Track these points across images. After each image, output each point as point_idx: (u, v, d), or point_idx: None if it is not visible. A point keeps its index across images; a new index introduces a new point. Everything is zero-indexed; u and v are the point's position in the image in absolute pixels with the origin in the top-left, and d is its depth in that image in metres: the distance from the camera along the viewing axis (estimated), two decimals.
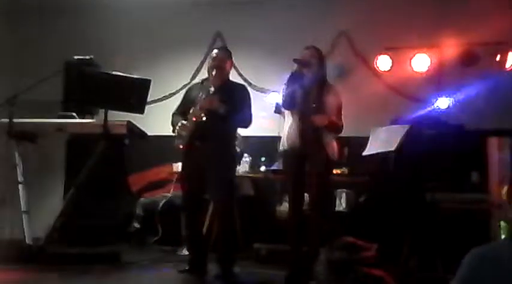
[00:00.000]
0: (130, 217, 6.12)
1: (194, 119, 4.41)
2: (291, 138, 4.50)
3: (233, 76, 6.63)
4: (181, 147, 4.52)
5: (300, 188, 4.57)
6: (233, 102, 4.49)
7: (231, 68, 4.85)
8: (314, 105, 4.45)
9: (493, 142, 4.83)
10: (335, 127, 4.53)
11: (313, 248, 4.39)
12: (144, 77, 4.87)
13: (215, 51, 4.76)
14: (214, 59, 4.64)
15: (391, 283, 3.61)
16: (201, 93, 4.54)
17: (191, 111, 4.46)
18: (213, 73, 4.54)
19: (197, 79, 5.77)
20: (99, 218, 5.11)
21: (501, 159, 4.72)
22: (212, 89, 4.46)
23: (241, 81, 6.71)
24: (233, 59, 4.86)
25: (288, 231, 4.57)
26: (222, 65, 4.62)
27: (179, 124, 4.50)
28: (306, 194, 4.67)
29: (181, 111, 4.67)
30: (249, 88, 6.59)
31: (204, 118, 4.37)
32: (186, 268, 4.65)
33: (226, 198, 4.56)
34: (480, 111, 5.76)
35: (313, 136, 4.43)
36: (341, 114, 4.61)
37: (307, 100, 4.47)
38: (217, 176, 4.48)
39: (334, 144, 4.57)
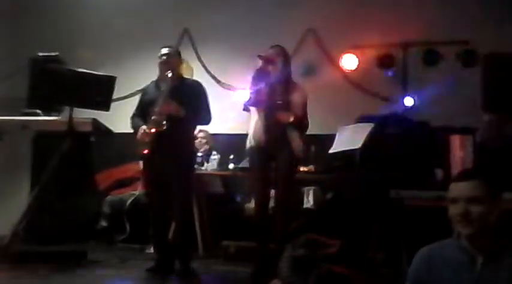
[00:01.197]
0: (98, 215, 6.07)
1: (155, 130, 4.44)
2: (257, 135, 4.53)
3: (200, 74, 6.74)
4: (144, 152, 4.54)
5: (266, 185, 4.62)
6: (191, 101, 4.55)
7: (181, 64, 4.98)
8: (279, 102, 4.49)
9: (455, 140, 4.92)
10: (300, 124, 4.58)
11: (279, 246, 4.43)
12: (110, 74, 4.86)
13: (164, 50, 4.74)
14: (165, 60, 4.67)
15: (355, 280, 3.66)
16: (157, 98, 4.56)
17: (152, 118, 4.48)
18: (169, 74, 4.57)
19: None
20: (66, 216, 5.05)
21: (463, 156, 4.82)
22: (164, 89, 4.55)
23: (208, 79, 6.76)
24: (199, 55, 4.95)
25: (254, 228, 4.61)
26: (174, 65, 4.68)
27: (141, 130, 4.52)
28: (272, 191, 4.74)
29: (140, 113, 4.71)
30: (216, 86, 6.79)
31: (165, 127, 4.41)
32: (153, 266, 4.65)
33: (184, 191, 4.65)
34: (445, 109, 5.84)
35: (279, 133, 4.48)
36: (306, 112, 4.66)
37: (273, 97, 4.51)
38: (177, 171, 4.53)
39: (300, 141, 4.61)
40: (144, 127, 4.50)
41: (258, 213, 4.62)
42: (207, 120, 4.74)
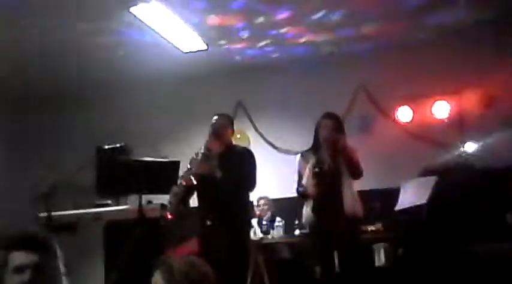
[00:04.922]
0: None
1: (184, 183, 4.32)
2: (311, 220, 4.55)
3: (258, 142, 6.89)
4: (168, 215, 4.44)
5: (329, 248, 4.58)
6: (233, 166, 4.37)
7: (232, 134, 4.72)
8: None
9: None
10: (356, 164, 4.53)
11: None
12: (173, 159, 5.00)
13: (214, 117, 4.63)
14: (213, 125, 4.55)
15: None
16: (198, 157, 4.44)
17: (182, 174, 4.39)
18: (212, 140, 4.46)
19: None
20: None
21: None
22: (204, 151, 4.41)
23: (266, 146, 6.89)
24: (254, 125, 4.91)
25: None
26: (221, 131, 4.53)
27: (171, 191, 4.41)
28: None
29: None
30: (274, 152, 6.88)
31: (195, 182, 4.29)
32: None
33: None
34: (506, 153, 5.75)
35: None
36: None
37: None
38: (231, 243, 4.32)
39: (357, 199, 4.58)
40: (175, 188, 4.41)
41: (324, 277, 4.57)
42: (247, 183, 4.49)
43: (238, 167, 4.41)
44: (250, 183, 4.50)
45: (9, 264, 2.36)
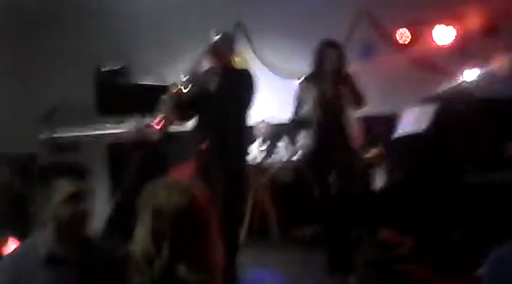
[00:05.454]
0: None
1: (173, 91, 4.16)
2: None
3: (257, 66, 6.83)
4: (156, 126, 4.36)
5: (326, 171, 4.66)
6: (231, 85, 4.25)
7: (233, 52, 4.53)
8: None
9: None
10: (360, 92, 4.56)
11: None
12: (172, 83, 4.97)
13: (216, 36, 4.37)
14: (212, 43, 4.33)
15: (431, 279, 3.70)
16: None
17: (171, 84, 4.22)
18: (209, 58, 4.33)
19: None
20: None
21: None
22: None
23: (265, 70, 6.85)
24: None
25: (320, 213, 4.69)
26: (219, 49, 4.33)
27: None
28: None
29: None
30: (274, 76, 6.84)
31: (186, 91, 4.12)
32: None
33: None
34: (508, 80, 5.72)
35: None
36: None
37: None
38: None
39: (358, 127, 4.62)
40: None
41: (322, 199, 4.66)
42: (245, 104, 4.35)
43: (237, 86, 4.30)
44: (248, 102, 4.37)
45: (57, 193, 2.29)
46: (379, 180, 5.91)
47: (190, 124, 4.55)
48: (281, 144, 6.39)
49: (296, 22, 6.77)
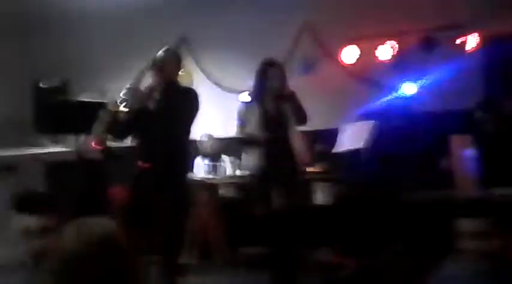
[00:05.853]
0: None
1: (111, 108, 4.05)
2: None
3: (202, 80, 6.84)
4: (94, 145, 4.32)
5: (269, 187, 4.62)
6: (173, 102, 4.15)
7: (177, 69, 4.43)
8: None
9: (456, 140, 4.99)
10: (302, 110, 4.55)
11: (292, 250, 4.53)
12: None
13: (159, 52, 4.29)
14: (155, 58, 4.24)
15: None
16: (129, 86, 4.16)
17: (108, 101, 4.14)
18: (152, 73, 4.23)
19: None
20: None
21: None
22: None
23: (210, 84, 6.85)
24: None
25: (261, 231, 4.68)
26: (162, 64, 4.21)
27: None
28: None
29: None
30: (218, 90, 6.84)
31: (122, 109, 3.97)
32: None
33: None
34: (444, 94, 5.90)
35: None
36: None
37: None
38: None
39: (302, 144, 4.66)
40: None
41: (263, 215, 4.66)
42: (187, 122, 4.28)
43: (179, 104, 4.19)
44: (191, 121, 4.28)
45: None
46: (321, 196, 5.97)
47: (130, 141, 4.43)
48: (225, 160, 6.37)
49: (241, 37, 6.81)
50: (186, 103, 4.23)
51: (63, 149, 5.12)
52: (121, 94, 4.03)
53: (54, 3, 6.71)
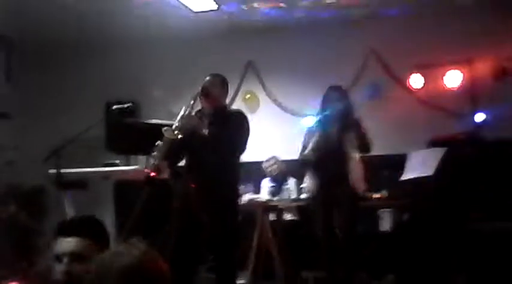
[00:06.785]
0: None
1: (168, 136, 4.01)
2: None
3: (268, 103, 6.91)
4: (150, 173, 4.10)
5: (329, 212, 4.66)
6: (223, 126, 4.18)
7: (225, 94, 4.50)
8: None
9: None
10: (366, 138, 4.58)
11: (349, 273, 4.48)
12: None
13: (207, 77, 4.39)
14: (203, 84, 4.32)
15: None
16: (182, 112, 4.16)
17: (164, 129, 4.10)
18: (201, 99, 4.27)
19: None
20: None
21: None
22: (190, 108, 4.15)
23: (274, 107, 6.90)
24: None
25: (322, 256, 4.66)
26: (210, 90, 4.28)
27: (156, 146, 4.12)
28: None
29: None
30: (283, 113, 6.88)
31: (180, 136, 3.98)
32: None
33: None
34: None
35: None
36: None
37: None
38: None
39: (361, 174, 4.62)
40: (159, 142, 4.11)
41: (325, 241, 4.65)
42: (233, 145, 4.25)
43: (229, 129, 4.21)
44: (240, 145, 4.28)
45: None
46: (384, 224, 5.88)
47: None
48: (291, 182, 6.38)
49: (306, 61, 6.84)
50: (233, 126, 4.25)
51: (132, 167, 5.23)
52: (175, 122, 4.10)
53: (131, 27, 6.91)
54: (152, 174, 4.07)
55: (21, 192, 4.85)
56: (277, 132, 6.96)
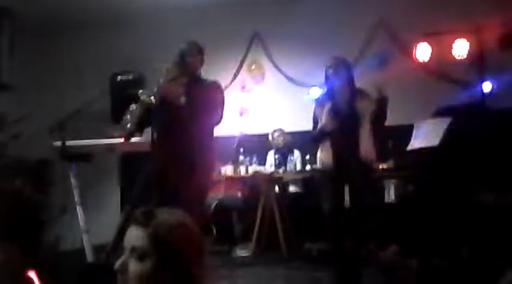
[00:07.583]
0: None
1: (143, 101, 4.00)
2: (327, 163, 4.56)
3: (273, 74, 6.86)
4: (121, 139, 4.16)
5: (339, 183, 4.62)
6: (198, 96, 4.10)
7: (201, 62, 4.37)
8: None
9: None
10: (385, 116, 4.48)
11: (357, 245, 4.48)
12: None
13: (181, 45, 4.30)
14: (178, 52, 4.24)
15: None
16: (161, 80, 4.11)
17: (141, 92, 4.06)
18: (176, 67, 4.19)
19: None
20: None
21: None
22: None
23: (281, 78, 6.85)
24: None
25: (328, 228, 4.65)
26: (185, 58, 4.24)
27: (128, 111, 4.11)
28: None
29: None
30: (290, 84, 6.83)
31: (154, 102, 3.96)
32: None
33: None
34: None
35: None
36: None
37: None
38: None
39: (372, 143, 4.57)
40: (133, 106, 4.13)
41: (332, 212, 4.64)
42: (213, 116, 4.20)
43: (204, 98, 4.14)
44: (216, 115, 4.21)
45: None
46: (390, 194, 5.87)
47: None
48: (295, 154, 6.36)
49: (313, 31, 6.77)
50: (209, 96, 4.19)
51: (137, 140, 5.22)
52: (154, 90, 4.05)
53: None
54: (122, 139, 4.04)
55: (27, 166, 4.86)
56: (282, 103, 6.93)
